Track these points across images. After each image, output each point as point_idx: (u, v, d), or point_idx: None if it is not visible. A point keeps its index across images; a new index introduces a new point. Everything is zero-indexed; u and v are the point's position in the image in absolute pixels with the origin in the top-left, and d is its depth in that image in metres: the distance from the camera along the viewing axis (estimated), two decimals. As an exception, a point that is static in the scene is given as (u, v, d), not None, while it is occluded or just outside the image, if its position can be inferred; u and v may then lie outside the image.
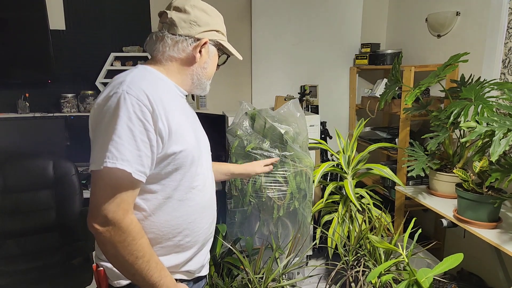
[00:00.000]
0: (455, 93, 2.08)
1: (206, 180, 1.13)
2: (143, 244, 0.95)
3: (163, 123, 0.94)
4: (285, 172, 2.17)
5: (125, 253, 0.92)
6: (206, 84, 1.16)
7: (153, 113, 0.92)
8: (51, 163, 2.29)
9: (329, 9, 3.09)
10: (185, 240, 1.08)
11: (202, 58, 1.10)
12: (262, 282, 1.92)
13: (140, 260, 0.94)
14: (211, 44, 1.12)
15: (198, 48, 1.07)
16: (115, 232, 0.90)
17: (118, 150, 0.88)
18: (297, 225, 2.28)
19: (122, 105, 0.89)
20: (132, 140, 0.89)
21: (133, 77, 0.97)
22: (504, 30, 2.03)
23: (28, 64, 2.71)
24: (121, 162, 0.87)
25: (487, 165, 1.65)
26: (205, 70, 1.13)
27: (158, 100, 0.94)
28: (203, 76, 1.13)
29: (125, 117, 0.89)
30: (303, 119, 2.27)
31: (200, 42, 1.07)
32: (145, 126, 0.91)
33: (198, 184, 1.08)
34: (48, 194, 2.26)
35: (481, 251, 2.22)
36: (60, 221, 2.24)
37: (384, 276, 1.32)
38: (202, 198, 1.11)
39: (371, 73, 3.25)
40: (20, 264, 2.11)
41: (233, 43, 1.21)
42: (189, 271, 1.13)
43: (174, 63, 1.08)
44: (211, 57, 1.13)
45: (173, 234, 1.05)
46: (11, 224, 2.16)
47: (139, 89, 0.92)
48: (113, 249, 0.92)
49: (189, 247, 1.10)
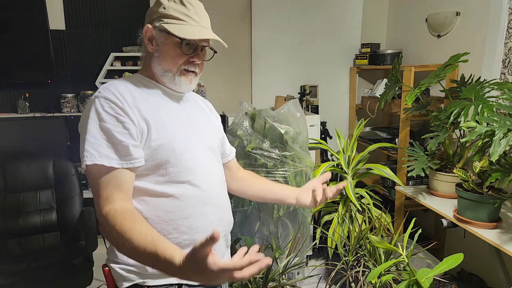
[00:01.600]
0: (455, 93, 2.08)
1: (203, 176, 1.11)
2: (124, 229, 0.90)
3: (134, 115, 0.99)
4: (285, 172, 2.17)
5: (117, 240, 0.92)
6: (171, 76, 1.08)
7: (122, 107, 0.98)
8: (51, 163, 2.29)
9: (329, 9, 3.09)
10: (182, 237, 1.07)
11: (154, 48, 1.07)
12: (262, 282, 1.93)
13: (128, 243, 0.89)
14: (158, 31, 1.05)
15: (146, 39, 1.08)
16: (102, 223, 0.95)
17: (94, 148, 0.95)
18: (297, 225, 2.28)
19: (92, 108, 0.98)
20: (105, 135, 0.96)
21: (109, 83, 1.04)
22: (504, 30, 2.03)
23: (28, 64, 2.71)
24: (98, 158, 0.95)
25: (487, 165, 1.65)
26: (159, 60, 1.07)
27: (128, 97, 1.01)
28: (161, 67, 1.07)
29: (95, 117, 0.97)
30: (303, 119, 2.27)
31: (145, 32, 1.07)
32: (118, 119, 0.97)
33: (190, 179, 1.07)
34: (48, 194, 2.27)
35: (481, 251, 2.22)
36: (60, 221, 2.24)
37: (384, 276, 1.32)
38: (197, 194, 1.08)
39: (371, 73, 3.25)
40: (21, 264, 2.11)
41: (233, 43, 1.20)
42: None
43: (146, 61, 1.12)
44: (161, 45, 1.06)
45: (168, 231, 1.05)
46: (12, 224, 2.16)
47: (108, 91, 1.00)
48: (108, 238, 0.96)
49: (189, 245, 1.08)
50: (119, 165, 0.96)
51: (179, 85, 1.09)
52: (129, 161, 0.97)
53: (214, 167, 1.19)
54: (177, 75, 1.08)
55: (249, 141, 2.17)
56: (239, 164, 1.46)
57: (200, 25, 1.07)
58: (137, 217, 0.95)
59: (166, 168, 1.04)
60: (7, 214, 2.17)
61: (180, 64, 1.07)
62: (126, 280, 1.06)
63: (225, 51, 1.12)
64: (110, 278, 1.08)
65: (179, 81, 1.08)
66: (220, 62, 2.94)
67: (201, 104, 1.29)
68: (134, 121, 0.99)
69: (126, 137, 0.97)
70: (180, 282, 1.08)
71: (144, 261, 0.90)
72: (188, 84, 1.10)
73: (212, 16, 1.15)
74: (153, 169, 1.03)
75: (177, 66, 1.07)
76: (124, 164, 0.97)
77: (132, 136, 0.98)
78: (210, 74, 2.95)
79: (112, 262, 1.08)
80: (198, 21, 1.06)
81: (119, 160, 0.96)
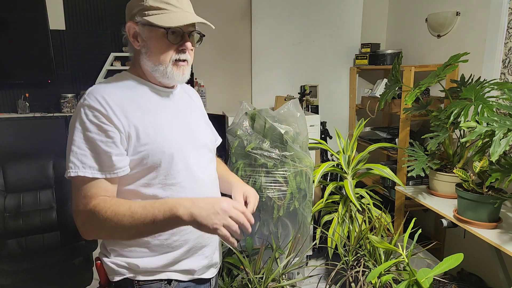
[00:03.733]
0: (455, 93, 2.08)
1: (195, 177, 1.10)
2: (118, 206, 0.95)
3: (120, 121, 0.98)
4: (285, 172, 2.17)
5: (111, 223, 0.94)
6: (163, 69, 1.04)
7: (107, 114, 0.97)
8: (51, 163, 2.29)
9: (329, 9, 3.09)
10: (172, 238, 1.07)
11: (140, 45, 1.05)
12: (262, 282, 1.93)
13: (126, 218, 0.94)
14: (141, 26, 1.03)
15: (130, 37, 1.06)
16: (91, 216, 0.96)
17: (78, 159, 0.96)
18: (297, 225, 2.28)
19: (78, 118, 0.98)
20: (89, 145, 0.97)
21: (96, 87, 1.03)
22: (504, 30, 2.03)
23: (28, 64, 2.71)
24: (82, 169, 0.96)
25: (487, 165, 1.65)
26: (148, 55, 1.04)
27: (113, 102, 0.99)
28: (151, 63, 1.04)
29: (80, 127, 0.97)
30: (303, 119, 2.27)
31: (128, 29, 1.05)
32: (101, 128, 0.97)
33: (181, 181, 1.06)
34: (48, 194, 2.27)
35: (481, 251, 2.22)
36: (60, 221, 2.24)
37: (384, 276, 1.32)
38: (188, 195, 1.06)
39: (371, 73, 3.25)
40: (21, 264, 2.11)
41: (233, 42, 1.19)
42: (186, 271, 1.12)
43: (135, 60, 1.10)
44: (146, 40, 1.03)
45: (158, 233, 1.05)
46: (12, 224, 2.16)
47: (93, 98, 0.98)
48: (100, 229, 0.98)
49: (179, 246, 1.08)
50: (102, 175, 0.97)
51: (172, 78, 1.06)
52: (112, 171, 0.98)
53: (207, 166, 1.17)
54: (169, 67, 1.04)
55: (249, 141, 2.17)
56: (239, 164, 1.46)
57: (182, 10, 1.03)
58: (127, 200, 0.99)
59: (157, 171, 1.03)
60: (7, 214, 2.17)
61: (171, 55, 1.03)
62: (118, 274, 1.07)
63: (225, 51, 1.08)
64: (102, 271, 1.10)
65: (171, 74, 1.05)
66: (220, 62, 2.95)
67: (190, 95, 1.26)
68: (119, 128, 0.98)
69: (110, 146, 0.97)
70: (170, 278, 1.09)
71: (149, 227, 0.94)
72: (181, 75, 1.07)
73: (212, 16, 1.15)
74: (144, 173, 1.03)
75: (168, 58, 1.03)
76: (107, 174, 0.97)
77: (116, 144, 0.97)
78: (210, 74, 2.95)
79: (104, 256, 1.10)
80: (180, 6, 1.02)
81: (103, 171, 0.97)
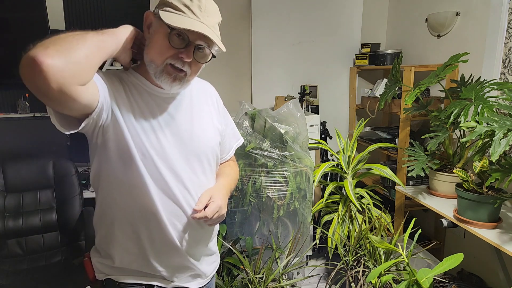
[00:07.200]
0: (455, 93, 2.08)
1: (177, 187, 1.05)
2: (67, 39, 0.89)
3: (113, 94, 0.99)
4: (285, 172, 2.17)
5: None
6: (154, 68, 0.97)
7: (109, 79, 1.00)
8: (51, 163, 2.30)
9: (329, 9, 3.09)
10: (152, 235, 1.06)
11: (148, 36, 1.00)
12: (262, 282, 1.93)
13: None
14: (156, 18, 0.97)
15: (145, 26, 1.01)
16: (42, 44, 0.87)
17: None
18: (297, 225, 2.28)
19: None
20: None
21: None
22: (504, 30, 2.03)
23: (28, 64, 2.71)
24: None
25: (487, 165, 1.65)
26: (148, 48, 0.99)
27: (113, 85, 1.00)
28: (147, 56, 0.98)
29: None
30: (303, 119, 2.27)
31: (145, 18, 1.01)
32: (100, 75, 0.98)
33: (138, 182, 1.00)
34: (48, 194, 2.27)
35: (481, 251, 2.22)
36: (60, 221, 2.24)
37: (384, 276, 1.32)
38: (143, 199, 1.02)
39: (371, 73, 3.25)
40: (21, 264, 2.11)
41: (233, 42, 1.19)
42: (164, 278, 1.11)
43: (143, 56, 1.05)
44: (153, 33, 0.98)
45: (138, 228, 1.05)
46: (12, 224, 2.16)
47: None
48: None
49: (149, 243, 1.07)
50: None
51: (160, 82, 0.99)
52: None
53: (193, 176, 1.09)
54: (159, 69, 0.96)
55: (249, 141, 2.17)
56: (239, 164, 1.45)
57: (199, 20, 0.94)
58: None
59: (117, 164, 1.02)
60: (7, 214, 2.17)
61: (166, 57, 0.95)
62: (101, 273, 1.11)
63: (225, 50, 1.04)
64: (89, 267, 1.14)
65: (160, 77, 0.97)
66: (220, 62, 2.93)
67: (201, 102, 1.17)
68: (110, 95, 0.97)
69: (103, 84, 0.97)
70: (150, 283, 1.10)
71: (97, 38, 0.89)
72: (170, 83, 0.98)
73: (212, 16, 1.14)
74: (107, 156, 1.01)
75: (162, 58, 0.96)
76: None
77: (104, 90, 0.95)
78: (210, 74, 2.94)
79: (92, 254, 1.15)
80: (199, 16, 0.94)
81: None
